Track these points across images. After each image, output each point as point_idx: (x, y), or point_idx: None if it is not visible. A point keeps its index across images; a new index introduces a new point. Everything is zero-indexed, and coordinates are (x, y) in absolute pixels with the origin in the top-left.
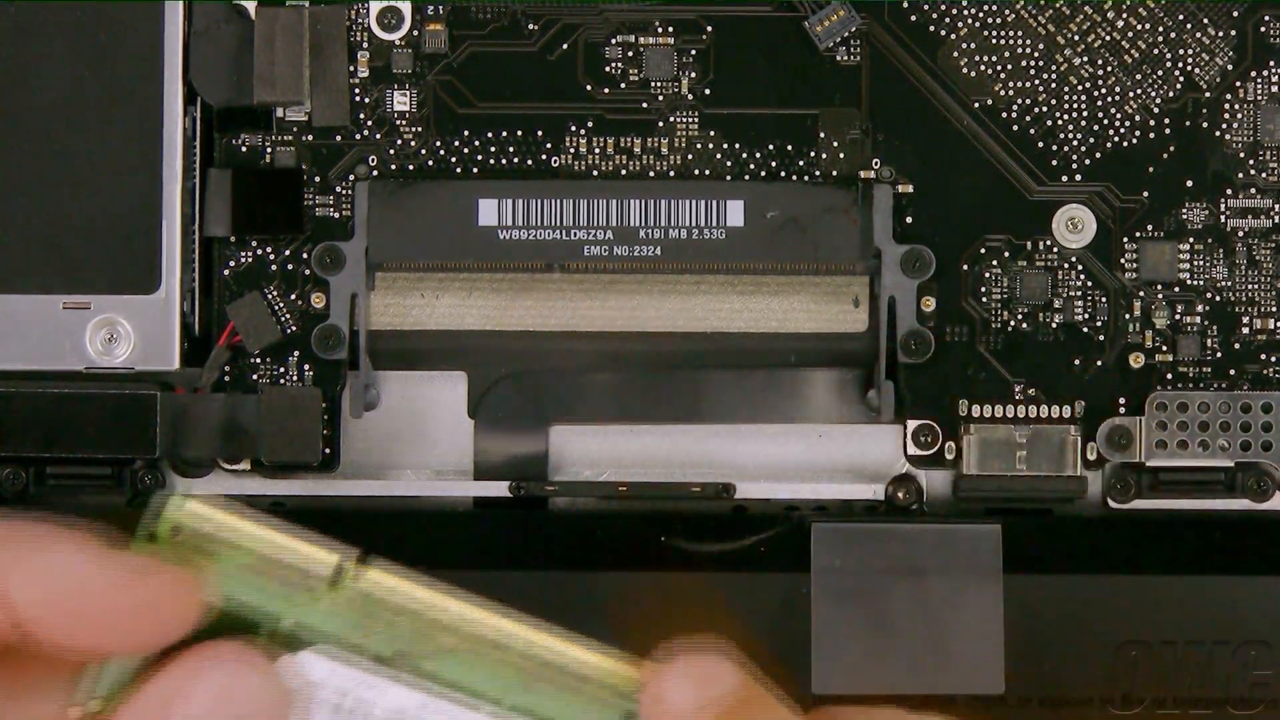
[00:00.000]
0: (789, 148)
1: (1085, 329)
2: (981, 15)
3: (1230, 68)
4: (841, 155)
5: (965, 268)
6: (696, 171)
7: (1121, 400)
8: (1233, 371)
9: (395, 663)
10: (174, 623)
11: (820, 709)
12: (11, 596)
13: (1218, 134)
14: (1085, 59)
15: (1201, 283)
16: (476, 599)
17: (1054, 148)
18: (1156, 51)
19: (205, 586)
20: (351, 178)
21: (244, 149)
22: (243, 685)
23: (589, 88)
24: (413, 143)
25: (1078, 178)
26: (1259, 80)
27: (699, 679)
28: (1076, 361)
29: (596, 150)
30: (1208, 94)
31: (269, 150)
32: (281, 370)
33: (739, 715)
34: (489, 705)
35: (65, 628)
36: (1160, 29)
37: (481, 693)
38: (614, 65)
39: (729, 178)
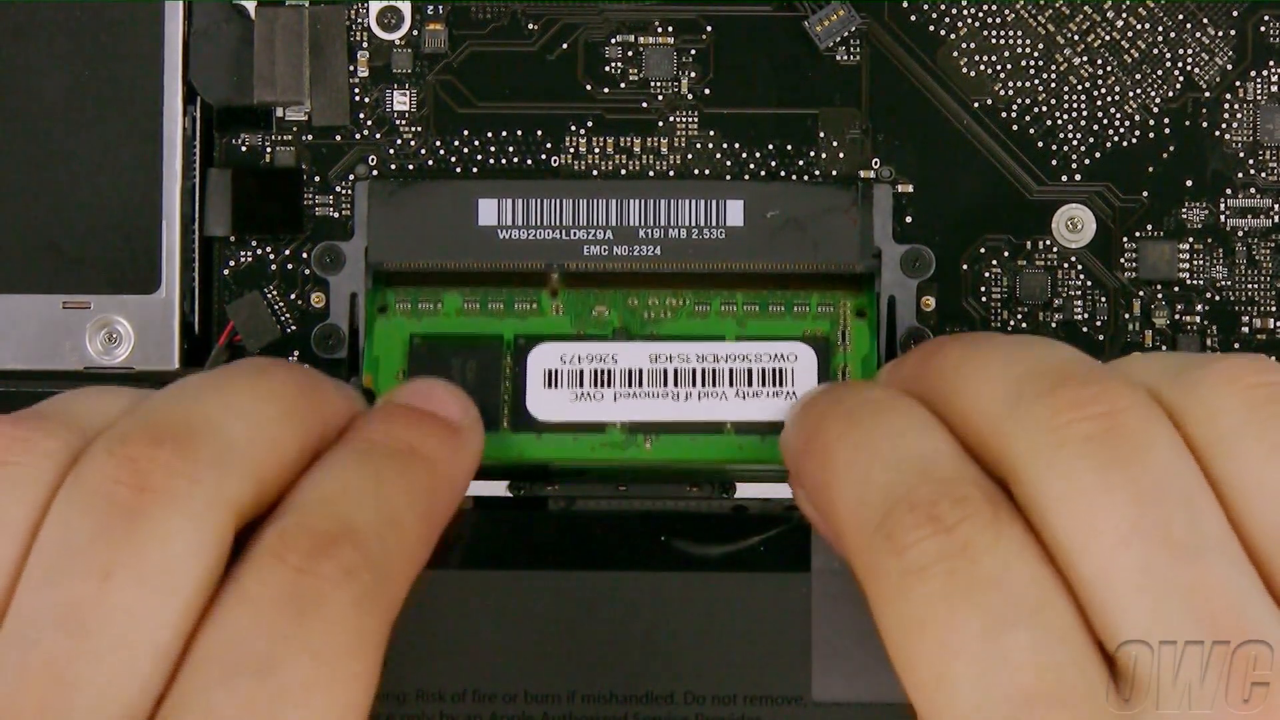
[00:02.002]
0: (789, 148)
1: (1085, 329)
2: (981, 15)
3: (1230, 68)
4: (841, 155)
5: (965, 268)
6: (696, 171)
7: None
8: None
9: (620, 335)
10: None
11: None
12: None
13: (1218, 134)
14: (1085, 59)
15: (1201, 282)
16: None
17: (1054, 148)
18: (1156, 51)
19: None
20: (351, 178)
21: (244, 149)
22: None
23: (589, 87)
24: (413, 143)
25: (1077, 177)
26: (1259, 80)
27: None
28: None
29: (596, 150)
30: (1208, 94)
31: (269, 150)
32: None
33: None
34: (713, 344)
35: None
36: (1160, 29)
37: (703, 337)
38: (614, 65)
39: (729, 178)
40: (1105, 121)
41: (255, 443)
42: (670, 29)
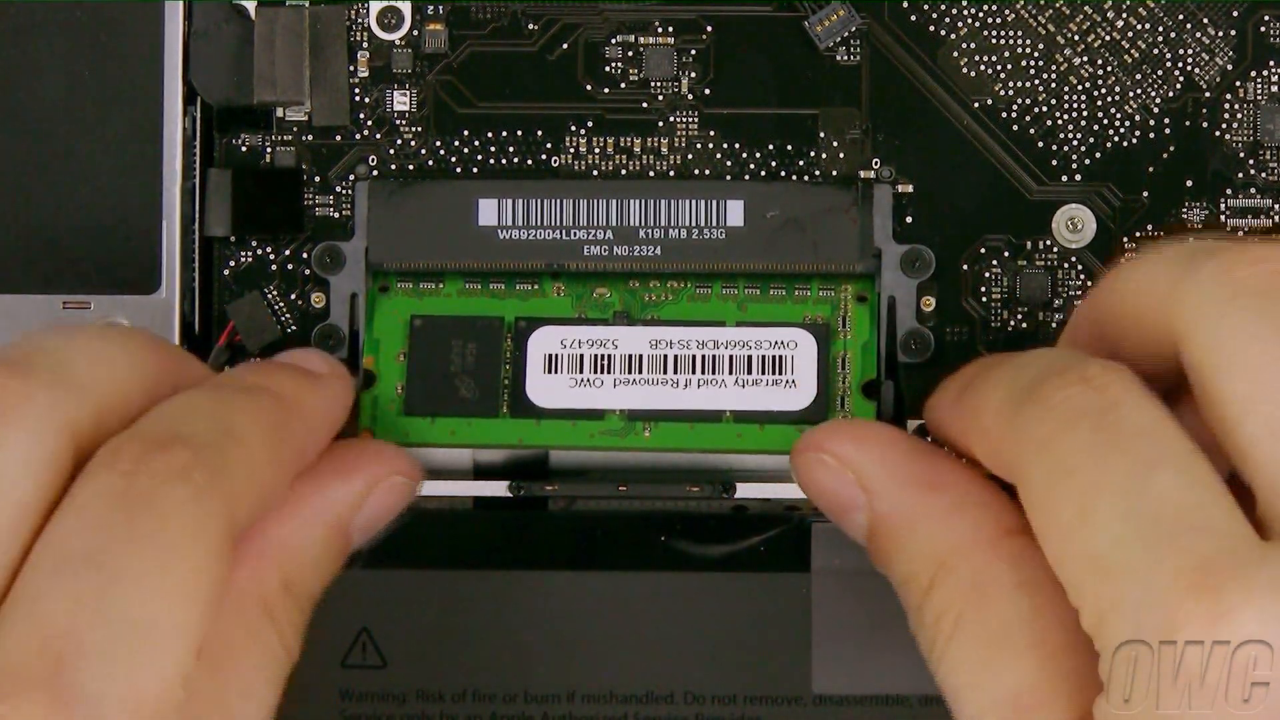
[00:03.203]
0: (789, 148)
1: None
2: (981, 15)
3: (1230, 68)
4: (841, 155)
5: (965, 268)
6: (696, 171)
7: None
8: None
9: (620, 318)
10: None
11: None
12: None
13: (1218, 134)
14: (1085, 59)
15: None
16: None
17: (1054, 148)
18: (1156, 51)
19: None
20: (351, 178)
21: (244, 149)
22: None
23: (589, 88)
24: (413, 143)
25: (1078, 178)
26: (1259, 80)
27: None
28: None
29: (596, 150)
30: (1208, 94)
31: (269, 150)
32: None
33: None
34: (713, 329)
35: None
36: (1160, 29)
37: (704, 321)
38: (614, 65)
39: (729, 178)
40: (1105, 121)
41: (95, 374)
42: (670, 29)
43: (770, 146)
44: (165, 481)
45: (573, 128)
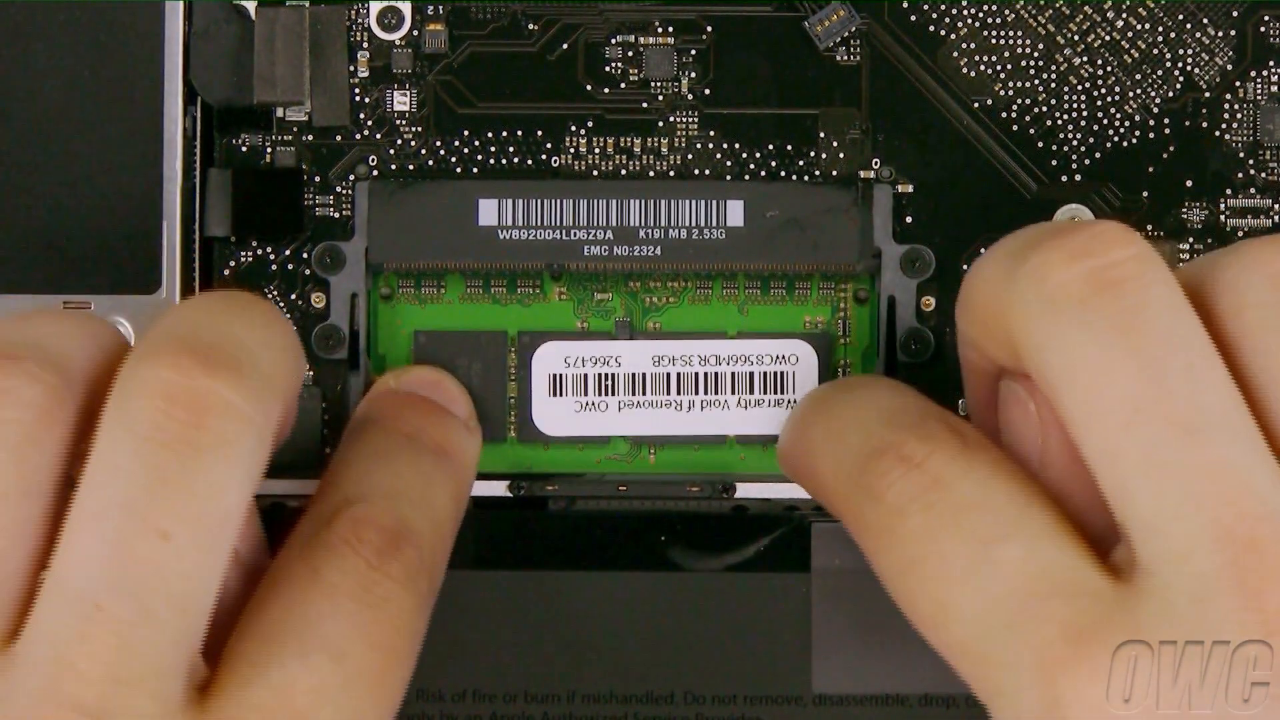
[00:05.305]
0: (789, 148)
1: None
2: (981, 15)
3: (1230, 68)
4: (841, 155)
5: (965, 268)
6: (696, 171)
7: None
8: None
9: (621, 329)
10: None
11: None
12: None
13: (1218, 134)
14: (1085, 59)
15: None
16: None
17: (1054, 148)
18: (1156, 51)
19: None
20: (351, 178)
21: (244, 149)
22: None
23: (589, 88)
24: (413, 143)
25: (1078, 178)
26: (1259, 80)
27: None
28: None
29: (596, 150)
30: (1208, 94)
31: (269, 150)
32: None
33: None
34: (713, 342)
35: None
36: (1160, 29)
37: (705, 331)
38: (614, 65)
39: (729, 178)
40: (1105, 121)
41: (283, 373)
42: (670, 29)
43: (770, 146)
44: (402, 586)
45: (573, 128)
